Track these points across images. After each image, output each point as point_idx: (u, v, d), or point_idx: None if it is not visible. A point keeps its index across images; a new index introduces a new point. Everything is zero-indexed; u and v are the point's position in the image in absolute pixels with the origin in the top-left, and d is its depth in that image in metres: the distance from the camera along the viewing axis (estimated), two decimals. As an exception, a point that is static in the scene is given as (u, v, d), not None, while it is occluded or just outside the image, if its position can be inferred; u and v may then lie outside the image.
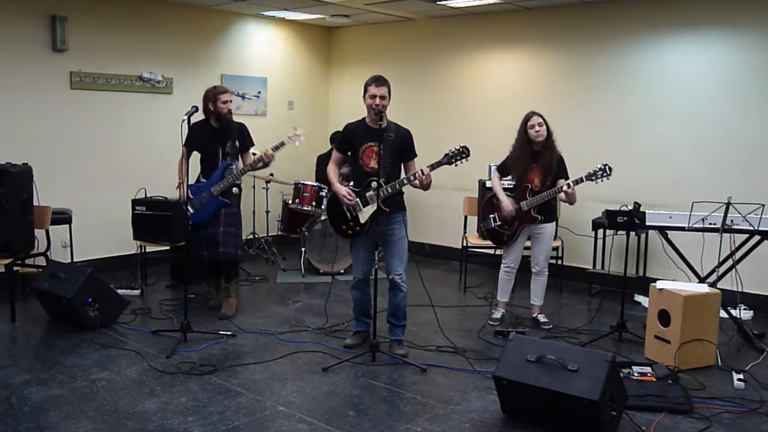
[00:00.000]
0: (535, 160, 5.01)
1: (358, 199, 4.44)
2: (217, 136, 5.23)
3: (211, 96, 5.17)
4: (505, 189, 5.20)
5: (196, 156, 5.35)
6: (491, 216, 5.23)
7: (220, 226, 5.22)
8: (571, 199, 4.89)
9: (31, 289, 5.27)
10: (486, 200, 5.40)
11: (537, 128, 4.94)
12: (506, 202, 5.06)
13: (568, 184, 4.82)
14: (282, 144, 5.11)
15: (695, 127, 6.03)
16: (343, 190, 4.44)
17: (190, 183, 5.18)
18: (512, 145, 5.12)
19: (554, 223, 5.21)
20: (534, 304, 5.31)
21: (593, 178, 4.83)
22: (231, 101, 5.22)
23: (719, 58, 5.90)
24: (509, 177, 5.23)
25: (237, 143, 5.26)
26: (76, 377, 4.06)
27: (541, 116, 4.99)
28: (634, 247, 6.24)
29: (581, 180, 4.84)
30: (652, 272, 6.21)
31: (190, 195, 5.19)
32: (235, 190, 5.31)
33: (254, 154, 5.31)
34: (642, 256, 6.31)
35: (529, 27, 7.00)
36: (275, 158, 5.19)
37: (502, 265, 5.30)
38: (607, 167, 4.81)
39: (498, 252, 5.53)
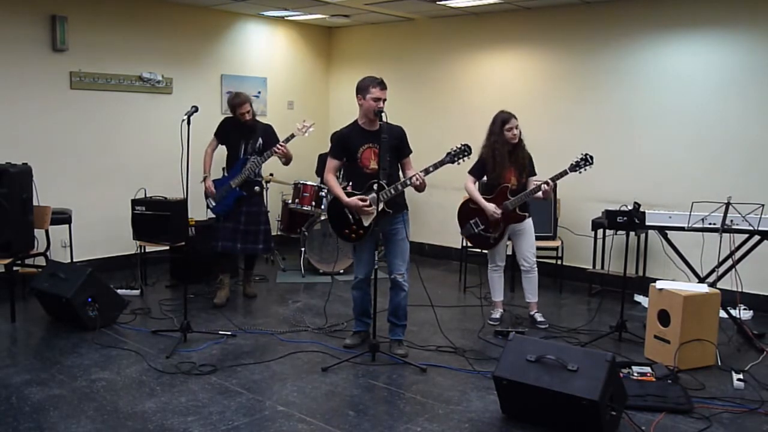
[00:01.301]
0: (509, 158, 5.03)
1: (362, 221, 4.41)
2: (242, 133, 5.60)
3: (231, 106, 5.60)
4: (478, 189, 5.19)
5: (220, 154, 5.72)
6: (471, 222, 5.20)
7: (248, 224, 5.56)
8: (547, 197, 4.96)
9: (31, 289, 5.27)
10: (460, 207, 5.36)
11: (515, 131, 4.98)
12: (490, 208, 5.02)
13: (547, 182, 4.85)
14: (292, 136, 5.43)
15: (695, 127, 6.03)
16: (358, 203, 4.39)
17: (214, 178, 5.65)
18: (484, 145, 5.10)
19: (531, 218, 5.21)
20: (530, 302, 5.31)
21: (577, 168, 4.87)
22: (250, 111, 5.58)
23: (719, 58, 5.90)
24: (483, 178, 5.21)
25: (261, 141, 5.57)
26: (76, 377, 4.06)
27: (516, 118, 5.02)
28: (634, 247, 6.24)
29: (565, 172, 4.87)
30: (652, 272, 6.21)
31: (213, 189, 5.55)
32: (257, 188, 5.63)
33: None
34: (642, 256, 6.31)
35: (529, 27, 7.00)
36: (287, 149, 5.45)
37: (489, 266, 5.32)
38: (588, 156, 4.84)
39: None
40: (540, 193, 4.88)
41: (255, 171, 5.55)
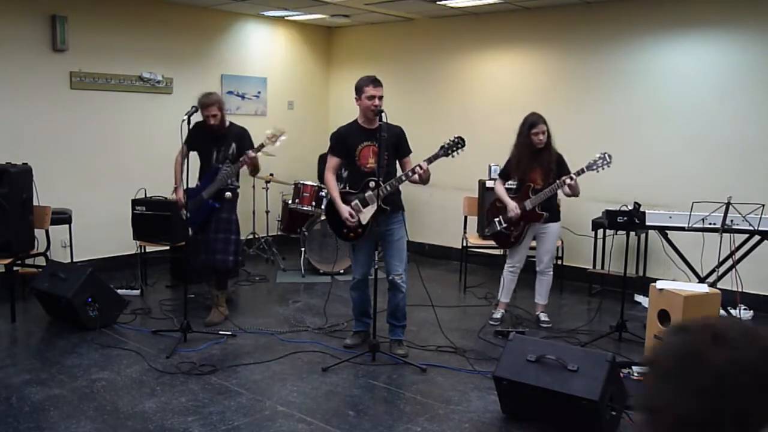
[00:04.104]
0: (535, 160, 5.04)
1: (360, 219, 4.42)
2: (213, 139, 5.14)
3: (199, 107, 4.99)
4: (507, 190, 5.23)
5: (196, 160, 5.28)
6: (496, 220, 5.24)
7: (216, 232, 5.12)
8: (575, 192, 4.96)
9: (31, 289, 5.27)
10: (490, 204, 5.42)
11: (541, 136, 4.97)
12: (511, 205, 5.08)
13: (571, 177, 4.87)
14: (262, 146, 4.96)
15: (695, 126, 6.03)
16: (345, 211, 4.40)
17: (189, 186, 5.10)
18: (513, 146, 5.13)
19: (559, 223, 5.24)
20: (538, 303, 5.33)
21: (594, 167, 4.88)
22: (217, 114, 5.02)
23: (719, 58, 5.90)
24: (511, 181, 5.27)
25: (234, 147, 5.13)
26: (76, 377, 4.06)
27: (545, 123, 5.01)
28: (634, 247, 6.23)
29: (582, 171, 4.88)
30: (652, 272, 6.21)
31: (183, 200, 5.15)
32: (228, 194, 5.13)
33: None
34: (642, 256, 6.30)
35: (529, 27, 7.00)
36: (258, 159, 5.06)
37: (506, 265, 5.31)
38: (606, 155, 4.86)
39: (500, 252, 5.54)
40: (566, 188, 4.91)
41: (229, 180, 5.10)
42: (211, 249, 5.12)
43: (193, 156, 5.22)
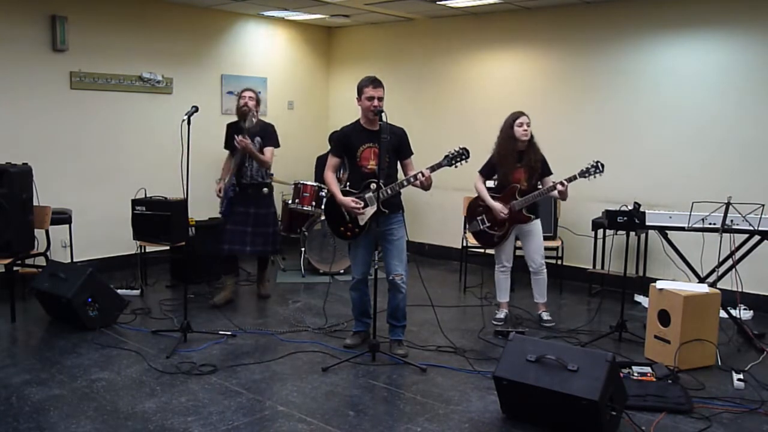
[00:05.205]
0: (519, 160, 5.04)
1: (358, 219, 4.43)
2: (241, 133, 5.51)
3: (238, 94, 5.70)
4: (488, 188, 5.22)
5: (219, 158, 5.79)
6: (478, 218, 5.23)
7: (249, 225, 5.56)
8: (563, 197, 4.97)
9: (31, 289, 5.27)
10: (470, 204, 5.41)
11: (525, 127, 5.00)
12: (497, 207, 5.06)
13: (562, 183, 4.87)
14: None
15: (695, 126, 6.03)
16: (350, 202, 4.40)
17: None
18: (495, 144, 5.15)
19: (539, 219, 5.23)
20: (538, 302, 5.33)
21: (586, 175, 4.89)
22: (254, 97, 5.56)
23: (719, 58, 5.90)
24: (493, 177, 5.25)
25: (258, 140, 5.52)
26: (76, 377, 4.06)
27: (528, 117, 5.05)
28: (634, 247, 6.24)
29: (574, 177, 4.88)
30: (652, 272, 6.21)
31: (221, 193, 5.62)
32: (265, 190, 5.65)
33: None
34: (642, 256, 6.31)
35: (529, 27, 7.00)
36: (249, 145, 5.42)
37: (496, 266, 5.32)
38: (599, 164, 4.87)
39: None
40: (555, 193, 4.92)
41: (254, 171, 5.55)
42: (253, 241, 5.61)
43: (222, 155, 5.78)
